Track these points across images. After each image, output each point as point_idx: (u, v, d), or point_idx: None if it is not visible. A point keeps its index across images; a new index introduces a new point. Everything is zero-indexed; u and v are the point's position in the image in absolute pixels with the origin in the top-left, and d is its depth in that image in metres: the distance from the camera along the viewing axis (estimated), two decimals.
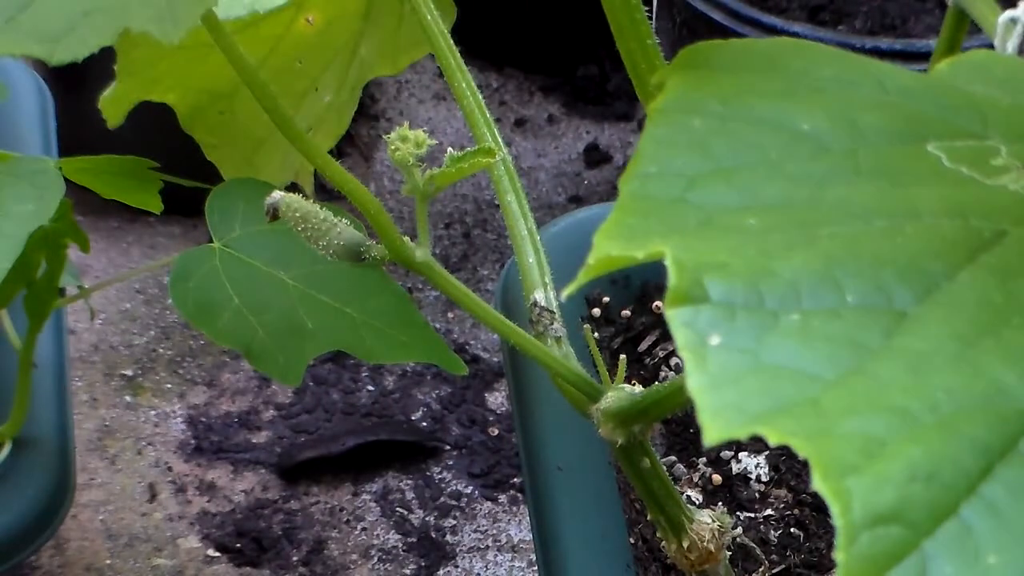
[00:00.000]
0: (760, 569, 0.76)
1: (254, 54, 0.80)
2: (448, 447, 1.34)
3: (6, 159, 0.74)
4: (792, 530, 0.79)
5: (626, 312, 0.87)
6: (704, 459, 0.83)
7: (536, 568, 0.81)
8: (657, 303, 0.87)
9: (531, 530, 0.80)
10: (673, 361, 0.86)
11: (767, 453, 0.82)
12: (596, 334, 0.84)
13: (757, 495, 0.81)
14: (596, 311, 0.86)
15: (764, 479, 0.81)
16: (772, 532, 0.79)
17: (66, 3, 0.52)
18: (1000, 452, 0.35)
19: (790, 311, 0.37)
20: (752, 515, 0.80)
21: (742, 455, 0.82)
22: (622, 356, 0.70)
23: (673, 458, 0.83)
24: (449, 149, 0.61)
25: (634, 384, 0.65)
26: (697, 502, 0.80)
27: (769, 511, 0.80)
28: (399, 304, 0.79)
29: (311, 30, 0.82)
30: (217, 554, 1.21)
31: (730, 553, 0.70)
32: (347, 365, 1.40)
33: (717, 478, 0.81)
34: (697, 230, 0.40)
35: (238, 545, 1.22)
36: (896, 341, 0.37)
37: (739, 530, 0.77)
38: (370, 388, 1.38)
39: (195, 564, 1.20)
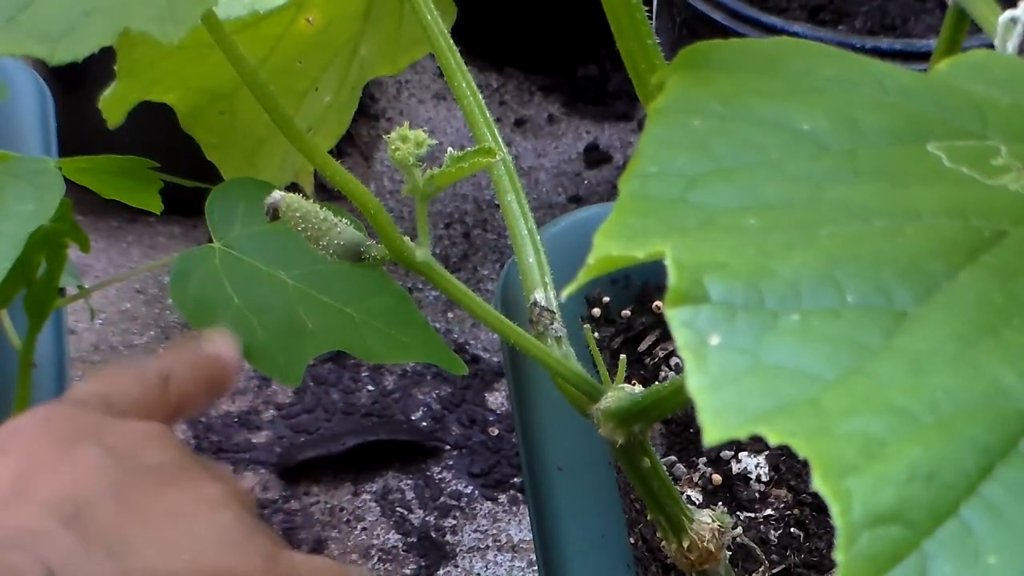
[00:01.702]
0: (760, 569, 0.76)
1: (254, 54, 0.80)
2: (448, 447, 1.34)
3: (6, 159, 0.74)
4: (792, 530, 0.79)
5: (626, 312, 0.87)
6: (704, 459, 0.83)
7: (536, 568, 0.81)
8: (657, 303, 0.87)
9: (531, 530, 0.80)
10: (673, 361, 0.86)
11: (767, 453, 0.82)
12: (596, 334, 0.84)
13: (757, 495, 0.81)
14: (596, 311, 0.86)
15: (764, 479, 0.81)
16: (772, 532, 0.79)
17: (66, 3, 0.52)
18: (1000, 452, 0.35)
19: (790, 311, 0.37)
20: (752, 515, 0.80)
21: (742, 455, 0.82)
22: (622, 356, 0.70)
23: (673, 458, 0.83)
24: (449, 149, 0.61)
25: (634, 384, 0.65)
26: (697, 502, 0.80)
27: (769, 511, 0.80)
28: (399, 304, 0.79)
29: (311, 30, 0.82)
30: None
31: (730, 553, 0.70)
32: (347, 365, 1.40)
33: (717, 478, 0.81)
34: (697, 230, 0.40)
35: None
36: (896, 341, 0.37)
37: (739, 530, 0.77)
38: (370, 388, 1.38)
39: None
